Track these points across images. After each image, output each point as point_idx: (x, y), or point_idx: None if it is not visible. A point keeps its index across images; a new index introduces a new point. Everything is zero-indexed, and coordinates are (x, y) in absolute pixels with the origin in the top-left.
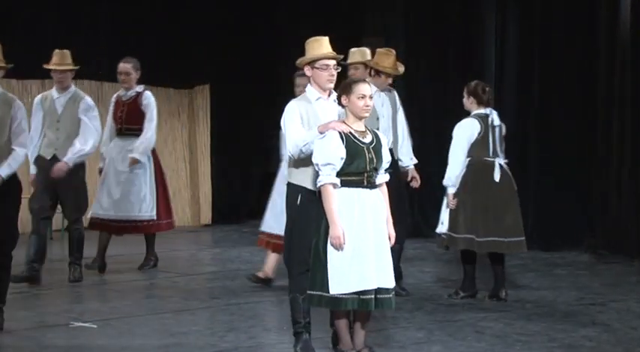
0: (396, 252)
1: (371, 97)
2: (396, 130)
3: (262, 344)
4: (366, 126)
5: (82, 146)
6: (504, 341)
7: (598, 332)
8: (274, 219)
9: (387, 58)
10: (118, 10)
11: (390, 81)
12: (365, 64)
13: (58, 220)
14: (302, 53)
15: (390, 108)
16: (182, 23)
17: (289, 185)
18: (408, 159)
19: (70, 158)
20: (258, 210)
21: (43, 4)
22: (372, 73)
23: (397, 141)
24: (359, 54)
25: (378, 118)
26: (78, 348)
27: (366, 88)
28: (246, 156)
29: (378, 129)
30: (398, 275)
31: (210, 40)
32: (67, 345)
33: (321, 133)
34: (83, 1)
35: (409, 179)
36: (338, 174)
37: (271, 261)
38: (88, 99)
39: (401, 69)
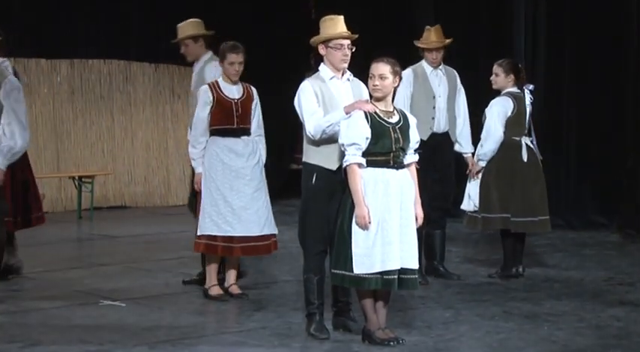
0: (440, 237)
1: (382, 77)
2: (454, 112)
3: (291, 323)
4: (394, 107)
5: (9, 142)
6: (532, 321)
7: (626, 312)
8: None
9: (428, 34)
10: None
11: (434, 56)
12: (194, 37)
13: (87, 199)
14: None
15: (447, 88)
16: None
17: (305, 164)
18: (468, 145)
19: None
20: (288, 190)
21: None
22: (420, 51)
23: (455, 124)
24: (190, 26)
25: (434, 97)
26: (107, 326)
27: (376, 67)
28: (278, 138)
29: (434, 107)
30: (442, 257)
31: (242, 25)
32: (97, 324)
33: (346, 114)
34: None
35: (470, 166)
36: (364, 154)
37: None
38: (12, 79)
39: (445, 42)
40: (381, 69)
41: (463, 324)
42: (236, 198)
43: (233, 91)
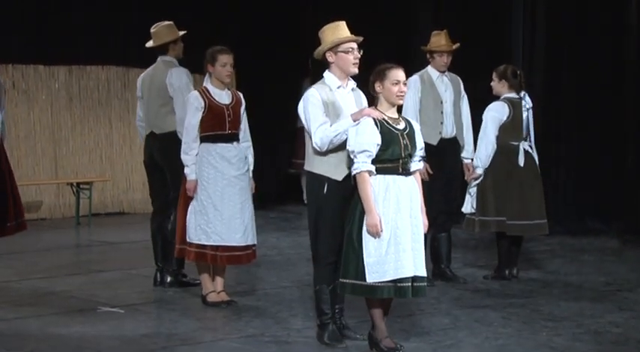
0: (446, 240)
1: (405, 83)
2: (460, 117)
3: (289, 329)
4: (399, 114)
5: None
6: (531, 327)
7: (625, 318)
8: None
9: (439, 38)
10: None
11: (445, 60)
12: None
13: (85, 206)
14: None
15: (452, 94)
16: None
17: (312, 174)
18: (469, 151)
19: None
20: (285, 196)
21: None
22: (428, 56)
23: (462, 129)
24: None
25: (442, 102)
26: (105, 333)
27: (400, 74)
28: (273, 142)
29: (442, 112)
30: (449, 260)
31: (237, 27)
32: (95, 330)
33: (354, 121)
34: None
35: (467, 172)
36: (373, 161)
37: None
38: None
39: (455, 46)
40: (403, 75)
41: (462, 330)
42: (226, 207)
43: (223, 97)
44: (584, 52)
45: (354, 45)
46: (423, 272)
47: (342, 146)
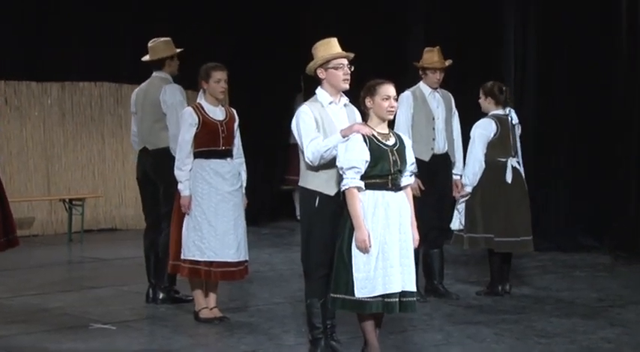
0: (438, 256)
1: (396, 99)
2: (452, 134)
3: (281, 345)
4: (389, 129)
5: None
6: (524, 343)
7: (617, 334)
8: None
9: (431, 54)
10: (141, 12)
11: (438, 77)
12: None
13: (77, 222)
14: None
15: (444, 110)
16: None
17: (304, 190)
18: (460, 167)
19: None
20: (277, 212)
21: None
22: (420, 73)
23: (453, 146)
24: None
25: (433, 118)
26: (98, 350)
27: (390, 90)
28: (265, 159)
29: (434, 129)
30: (441, 276)
31: (232, 48)
32: (87, 347)
33: (343, 137)
34: (105, 6)
35: (457, 189)
36: (362, 177)
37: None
38: None
39: (447, 62)
40: (393, 90)
41: (454, 346)
42: (220, 223)
43: (217, 113)
44: (576, 66)
45: (345, 61)
46: (412, 287)
47: (334, 162)
